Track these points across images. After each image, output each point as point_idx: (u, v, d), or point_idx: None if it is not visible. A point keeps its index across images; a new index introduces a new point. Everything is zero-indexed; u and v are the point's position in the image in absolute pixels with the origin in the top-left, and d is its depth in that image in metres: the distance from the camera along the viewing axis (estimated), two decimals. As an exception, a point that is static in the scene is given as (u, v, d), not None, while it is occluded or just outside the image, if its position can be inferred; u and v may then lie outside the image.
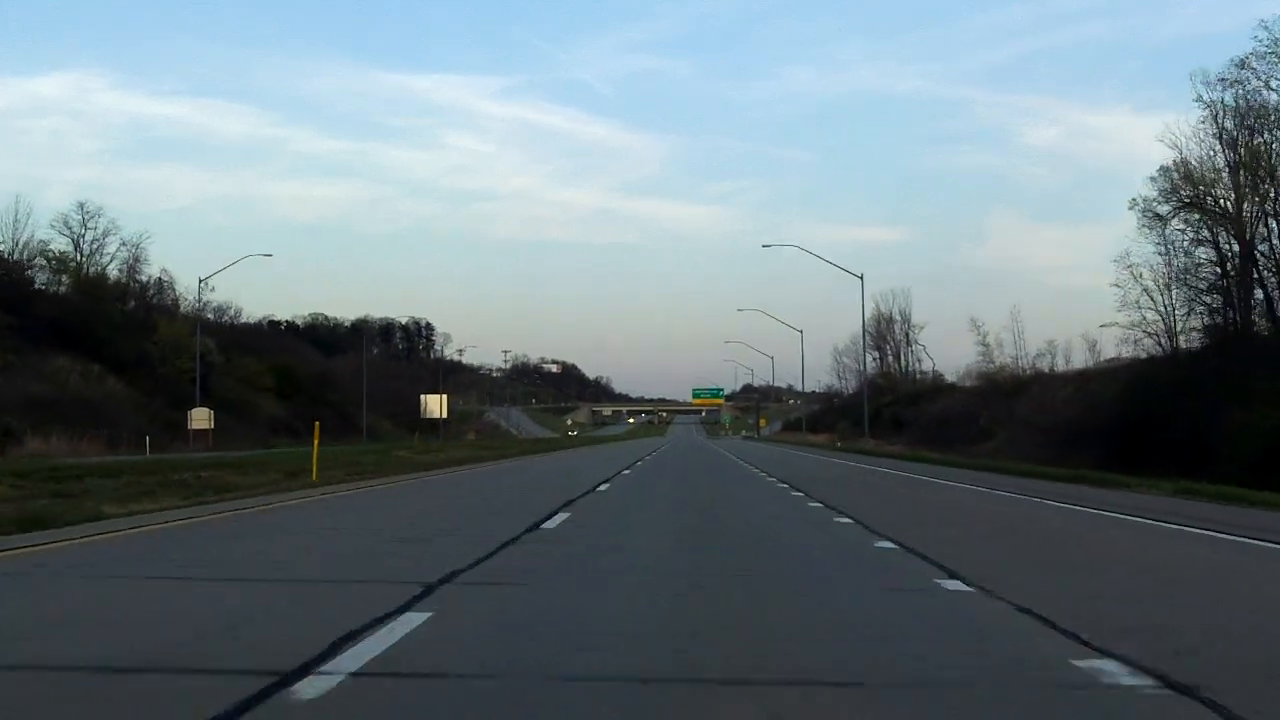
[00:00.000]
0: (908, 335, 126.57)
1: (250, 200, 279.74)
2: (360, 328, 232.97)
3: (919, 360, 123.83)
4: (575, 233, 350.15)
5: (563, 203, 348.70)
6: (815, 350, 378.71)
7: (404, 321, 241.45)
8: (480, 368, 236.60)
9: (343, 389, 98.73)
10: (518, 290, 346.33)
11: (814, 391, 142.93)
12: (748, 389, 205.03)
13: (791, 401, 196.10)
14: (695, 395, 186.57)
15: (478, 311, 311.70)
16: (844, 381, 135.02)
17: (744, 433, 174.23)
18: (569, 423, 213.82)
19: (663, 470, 34.79)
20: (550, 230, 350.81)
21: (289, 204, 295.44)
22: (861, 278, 59.94)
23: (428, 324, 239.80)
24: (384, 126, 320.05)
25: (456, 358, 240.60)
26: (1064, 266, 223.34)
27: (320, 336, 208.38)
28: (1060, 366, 75.98)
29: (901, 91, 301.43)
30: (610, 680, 5.11)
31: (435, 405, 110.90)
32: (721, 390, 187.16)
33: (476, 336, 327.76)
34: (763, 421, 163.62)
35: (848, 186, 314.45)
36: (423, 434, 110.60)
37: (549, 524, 13.67)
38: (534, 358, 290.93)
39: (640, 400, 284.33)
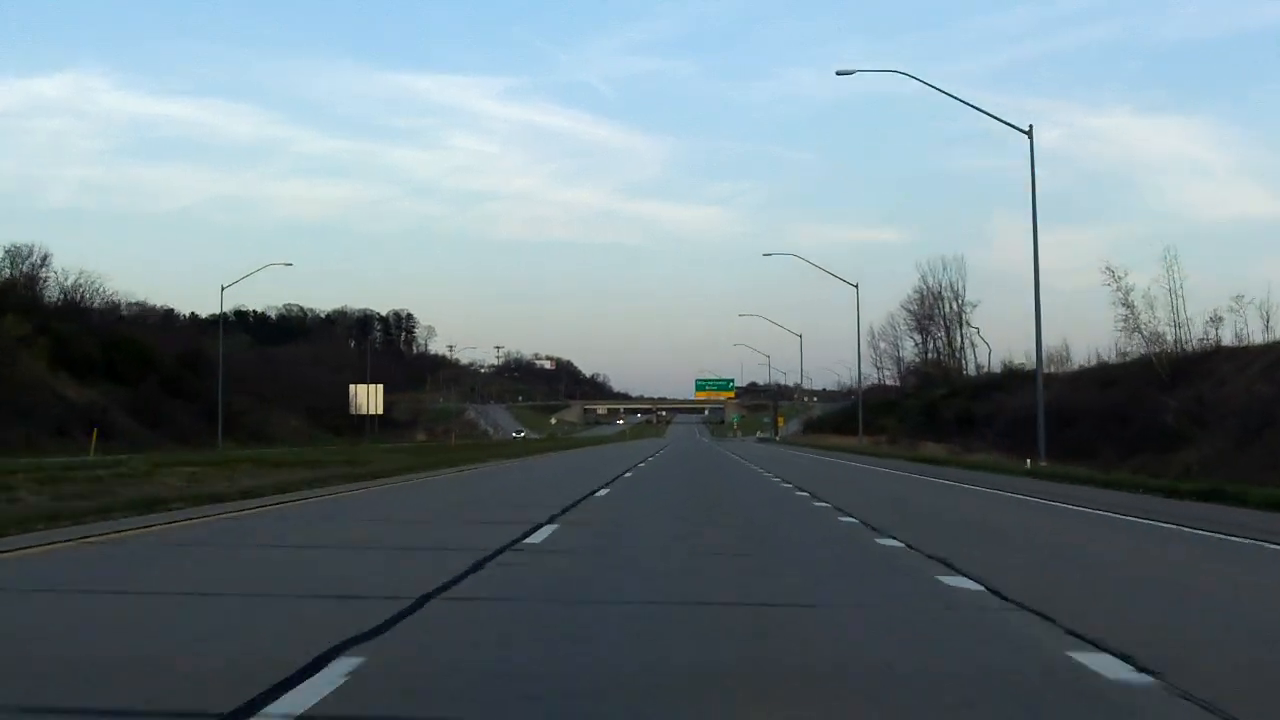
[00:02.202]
0: (960, 315, 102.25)
1: (252, 200, 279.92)
2: (334, 318, 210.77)
3: (973, 345, 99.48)
4: (577, 233, 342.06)
5: (565, 203, 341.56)
6: (824, 347, 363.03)
7: (384, 314, 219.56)
8: (471, 364, 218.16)
9: (236, 378, 73.43)
10: (519, 290, 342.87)
11: (824, 388, 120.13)
12: (754, 386, 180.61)
13: (807, 399, 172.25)
14: (699, 387, 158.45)
15: (478, 311, 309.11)
16: (881, 371, 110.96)
17: (758, 434, 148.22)
18: (553, 421, 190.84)
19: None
20: (552, 230, 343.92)
21: (291, 204, 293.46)
22: (1029, 131, 34.29)
23: (409, 315, 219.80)
24: (386, 127, 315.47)
25: (445, 353, 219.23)
26: (1065, 269, 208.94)
27: (292, 326, 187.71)
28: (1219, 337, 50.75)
29: (903, 93, 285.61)
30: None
31: (365, 399, 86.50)
32: (731, 382, 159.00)
33: (477, 336, 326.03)
34: (779, 420, 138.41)
35: (849, 188, 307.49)
36: (349, 434, 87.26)
37: None
38: (528, 354, 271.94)
39: (639, 399, 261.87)
